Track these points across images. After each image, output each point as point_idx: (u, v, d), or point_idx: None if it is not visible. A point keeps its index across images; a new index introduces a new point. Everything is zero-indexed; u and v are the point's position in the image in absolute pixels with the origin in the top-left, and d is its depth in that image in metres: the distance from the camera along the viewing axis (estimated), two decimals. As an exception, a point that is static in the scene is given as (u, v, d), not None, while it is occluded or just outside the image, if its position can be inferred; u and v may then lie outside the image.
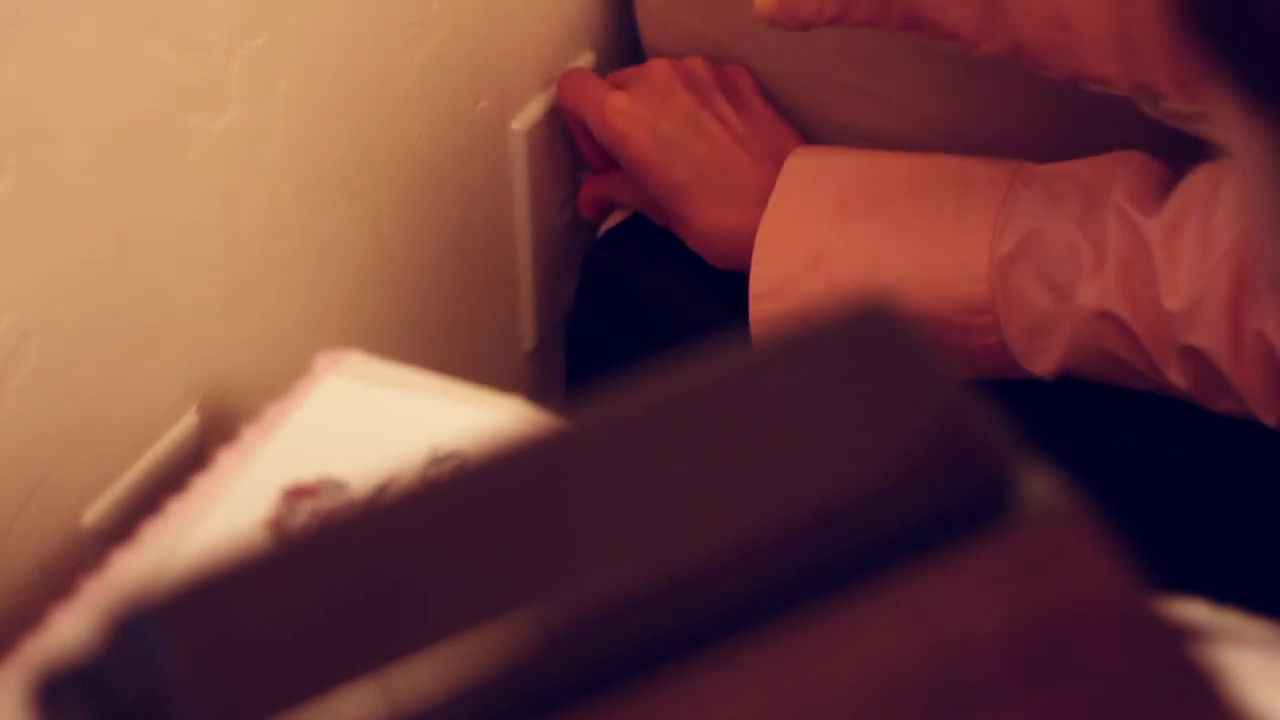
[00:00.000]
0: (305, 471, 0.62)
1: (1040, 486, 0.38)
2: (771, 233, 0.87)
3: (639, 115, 0.92)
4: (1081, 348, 0.80)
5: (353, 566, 0.37)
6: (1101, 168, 0.82)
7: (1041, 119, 0.87)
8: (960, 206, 0.84)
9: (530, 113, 0.98)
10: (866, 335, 0.40)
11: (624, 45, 1.07)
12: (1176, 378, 0.78)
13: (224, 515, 0.61)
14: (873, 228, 0.85)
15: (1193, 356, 0.77)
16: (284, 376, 0.68)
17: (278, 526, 0.60)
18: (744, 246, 0.89)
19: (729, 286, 0.91)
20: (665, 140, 0.92)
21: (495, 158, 0.97)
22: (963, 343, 0.83)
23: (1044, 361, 0.82)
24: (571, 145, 1.02)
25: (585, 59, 1.03)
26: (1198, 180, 0.79)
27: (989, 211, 0.83)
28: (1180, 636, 0.36)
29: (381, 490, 0.38)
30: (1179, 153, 0.83)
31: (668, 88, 0.93)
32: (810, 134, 0.96)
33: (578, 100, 0.95)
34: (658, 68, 0.95)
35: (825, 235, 0.86)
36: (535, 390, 1.07)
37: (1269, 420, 0.78)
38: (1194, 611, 0.55)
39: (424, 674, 0.35)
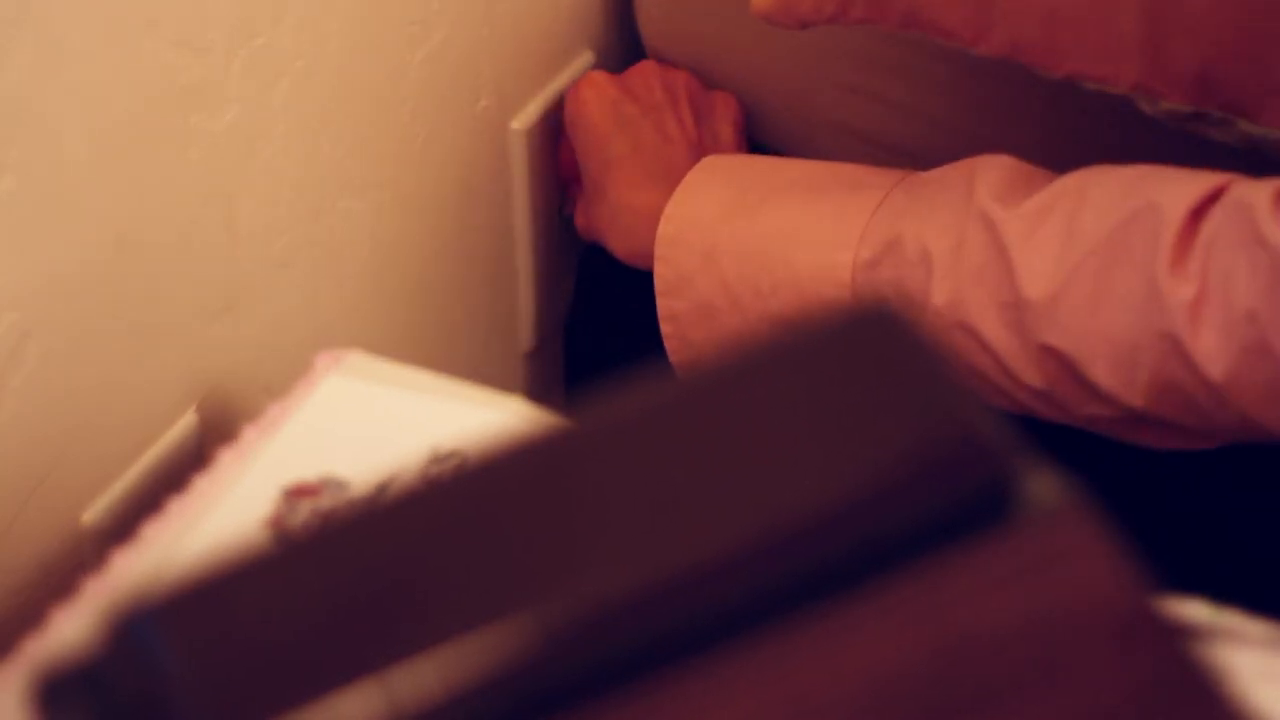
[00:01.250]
0: (306, 471, 0.62)
1: (1041, 487, 0.38)
2: (669, 228, 0.87)
3: (607, 90, 0.95)
4: None
5: (353, 566, 0.37)
6: (970, 170, 0.80)
7: (1041, 119, 0.87)
8: (839, 210, 0.82)
9: (530, 112, 0.98)
10: (868, 336, 0.40)
11: (624, 45, 1.07)
12: (1033, 377, 0.75)
13: (224, 515, 0.61)
14: (755, 227, 0.84)
15: (1051, 356, 0.74)
16: (284, 376, 0.68)
17: (278, 526, 0.60)
18: (645, 233, 0.89)
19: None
20: (621, 116, 0.94)
21: (495, 157, 0.97)
22: None
23: None
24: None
25: (585, 59, 1.03)
26: (1067, 180, 0.76)
27: (861, 215, 0.81)
28: (1181, 636, 0.36)
29: (382, 489, 0.38)
30: (1179, 152, 0.83)
31: (646, 83, 0.96)
32: (808, 133, 0.96)
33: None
34: (646, 66, 0.97)
35: (716, 233, 0.86)
36: (535, 390, 1.07)
37: (1143, 437, 0.76)
38: (1195, 611, 0.55)
39: (424, 674, 0.35)
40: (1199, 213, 0.71)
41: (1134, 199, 0.73)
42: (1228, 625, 0.55)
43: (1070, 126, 0.87)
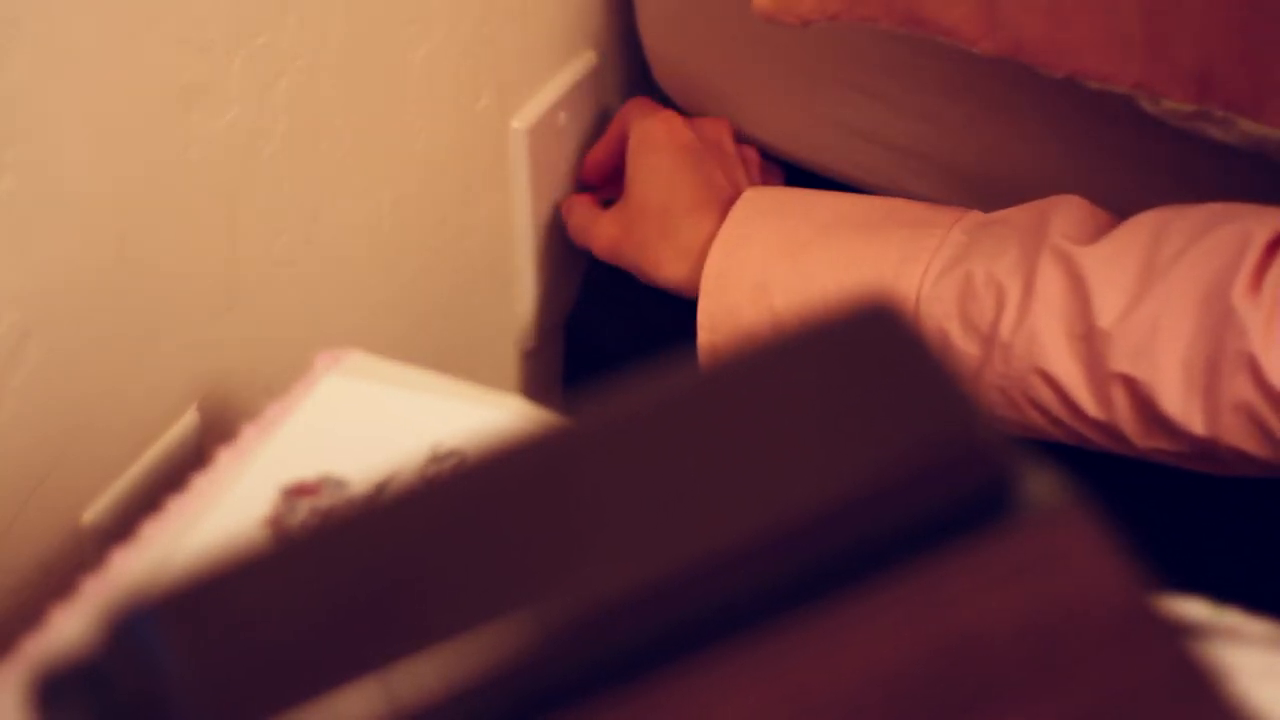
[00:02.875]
0: (305, 470, 0.62)
1: (1041, 486, 0.38)
2: (718, 262, 0.87)
3: (683, 128, 0.95)
4: (1002, 391, 0.78)
5: (353, 565, 0.37)
6: (1039, 212, 0.80)
7: (1042, 118, 0.87)
8: (898, 246, 0.83)
9: (531, 111, 0.98)
10: (868, 335, 0.40)
11: (624, 45, 1.07)
12: (1099, 410, 0.75)
13: (224, 514, 0.61)
14: (812, 261, 0.85)
15: (1124, 384, 0.75)
16: (284, 375, 0.68)
17: (278, 525, 0.60)
18: (698, 258, 0.89)
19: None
20: (695, 153, 0.94)
21: (495, 156, 0.97)
22: None
23: None
24: (574, 145, 1.03)
25: (586, 58, 1.03)
26: (1143, 217, 0.77)
27: (924, 252, 0.82)
28: (1181, 635, 0.36)
29: (381, 488, 0.38)
30: (1179, 152, 0.83)
31: (719, 134, 0.97)
32: (810, 133, 0.96)
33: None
34: (722, 121, 0.99)
35: (770, 267, 0.86)
36: (535, 390, 1.07)
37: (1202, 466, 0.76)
38: (1195, 610, 0.55)
39: (424, 673, 0.35)
40: (1277, 242, 0.72)
41: (1214, 228, 0.74)
42: (1228, 624, 0.55)
43: (1072, 126, 0.87)
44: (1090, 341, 0.75)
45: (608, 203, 1.00)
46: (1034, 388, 0.77)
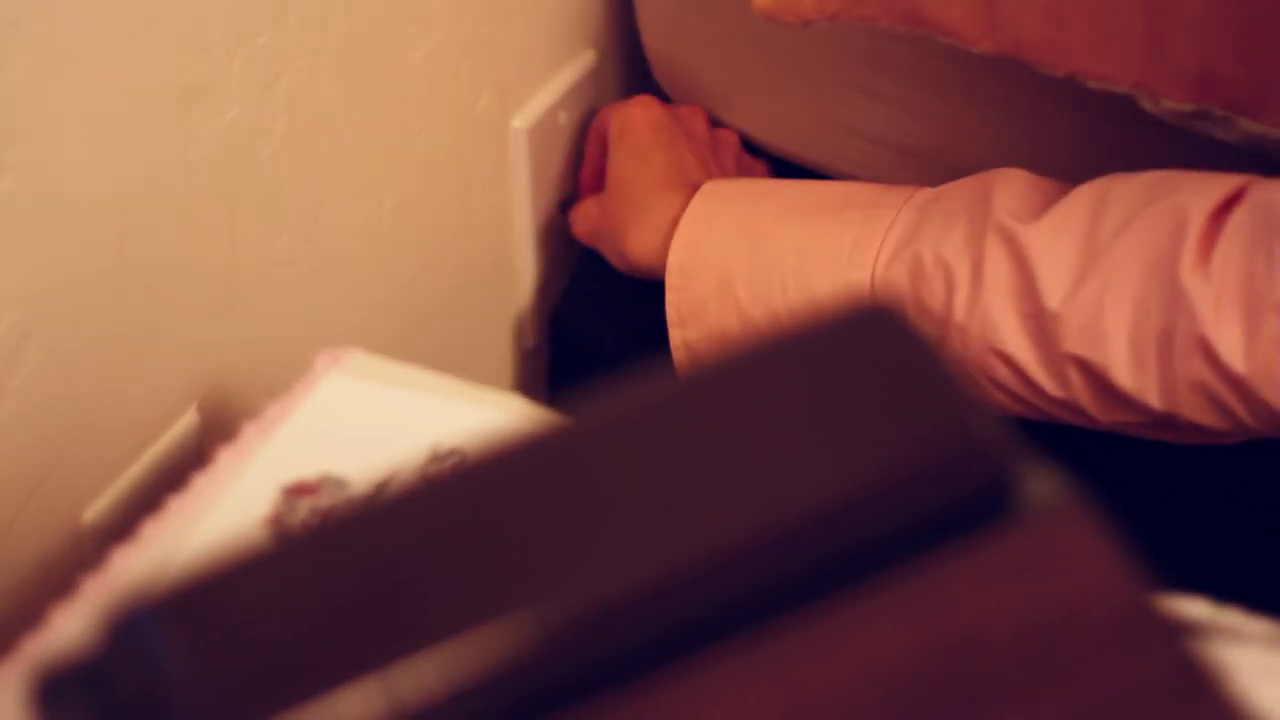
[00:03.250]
0: (305, 469, 0.62)
1: (1041, 485, 0.38)
2: (680, 257, 0.87)
3: (657, 110, 0.96)
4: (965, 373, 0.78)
5: (353, 565, 0.37)
6: (983, 185, 0.80)
7: (1043, 118, 0.87)
8: (851, 230, 0.83)
9: (531, 111, 0.98)
10: (868, 335, 0.40)
11: (624, 45, 1.07)
12: (1057, 388, 0.76)
13: (224, 513, 0.61)
14: (766, 251, 0.85)
15: (1077, 364, 0.75)
16: (284, 374, 0.68)
17: (278, 524, 0.60)
18: (664, 236, 0.90)
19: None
20: (669, 134, 0.95)
21: (496, 156, 0.97)
22: None
23: None
24: (574, 145, 1.03)
25: (586, 58, 1.03)
26: (1084, 189, 0.77)
27: (875, 234, 0.82)
28: (1181, 634, 0.36)
29: (381, 488, 0.38)
30: (1179, 151, 0.83)
31: (694, 118, 0.99)
32: (811, 133, 0.96)
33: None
34: (699, 109, 1.00)
35: (730, 259, 0.86)
36: (535, 389, 1.07)
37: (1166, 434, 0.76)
38: (1195, 609, 0.55)
39: (424, 672, 0.35)
40: (1220, 213, 0.72)
41: (1154, 202, 0.73)
42: (1228, 623, 0.55)
43: (1072, 125, 0.87)
44: (1040, 320, 0.75)
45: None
46: (993, 367, 0.77)
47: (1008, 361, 0.76)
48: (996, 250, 0.77)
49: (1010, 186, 0.79)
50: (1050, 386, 0.76)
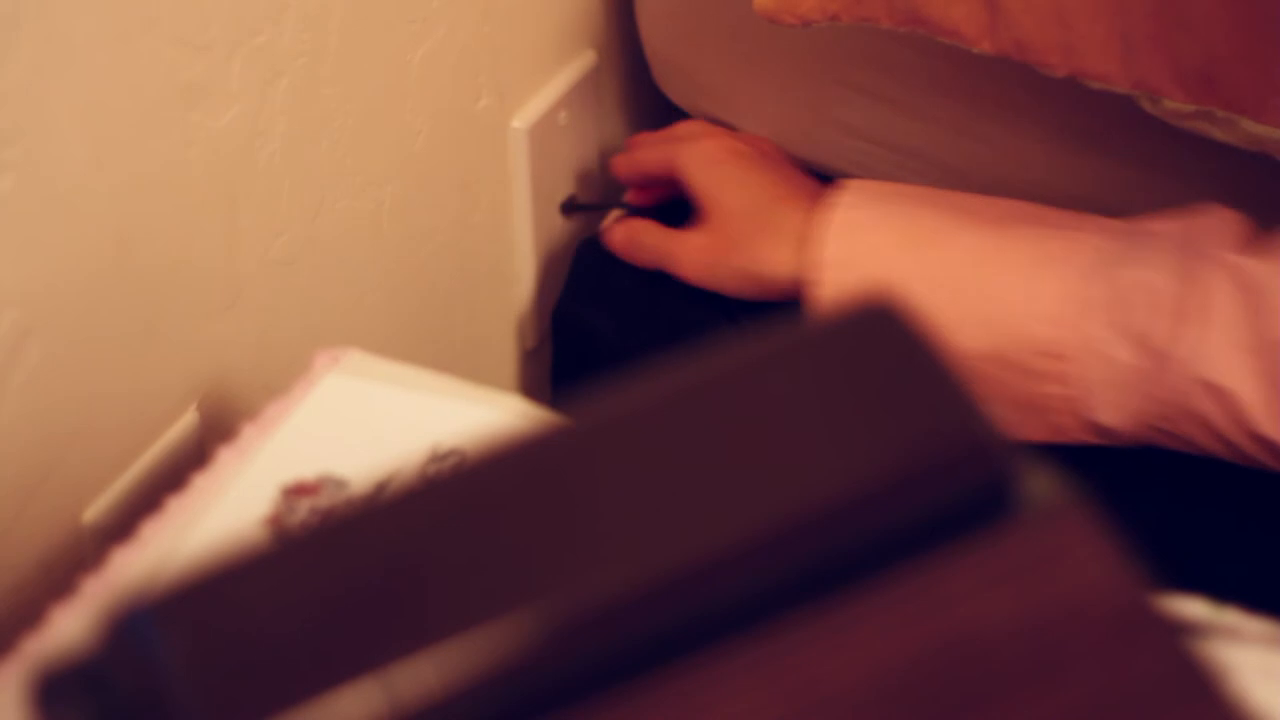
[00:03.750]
0: (305, 469, 0.62)
1: (1041, 484, 0.38)
2: (836, 250, 0.85)
3: (725, 136, 0.96)
4: (1158, 402, 0.76)
5: (353, 564, 0.37)
6: (1183, 220, 0.79)
7: (1043, 118, 0.87)
8: (1036, 245, 0.81)
9: (531, 111, 0.98)
10: (869, 333, 0.40)
11: (624, 45, 1.07)
12: (1275, 429, 0.73)
13: (224, 513, 0.61)
14: (942, 256, 0.83)
15: None
16: (284, 374, 0.68)
17: (277, 524, 0.60)
18: (792, 247, 0.88)
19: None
20: (748, 156, 0.94)
21: (495, 156, 0.97)
22: (1023, 389, 0.79)
23: (1117, 416, 0.78)
24: (574, 145, 1.02)
25: (586, 58, 1.03)
26: None
27: (1070, 253, 0.80)
28: (1180, 634, 0.36)
29: (381, 488, 0.38)
30: (1179, 152, 0.83)
31: (758, 139, 0.97)
32: (811, 133, 0.96)
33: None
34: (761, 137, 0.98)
35: (891, 259, 0.84)
36: (534, 389, 1.07)
37: None
38: (1194, 608, 0.55)
39: (424, 672, 0.35)
40: None
41: None
42: (1227, 623, 0.55)
43: (1073, 126, 0.87)
44: (1273, 355, 0.73)
45: (634, 211, 0.99)
46: (1196, 400, 0.75)
47: (1218, 396, 0.75)
48: (1218, 282, 0.75)
49: (1220, 224, 0.78)
50: (1266, 424, 0.74)
